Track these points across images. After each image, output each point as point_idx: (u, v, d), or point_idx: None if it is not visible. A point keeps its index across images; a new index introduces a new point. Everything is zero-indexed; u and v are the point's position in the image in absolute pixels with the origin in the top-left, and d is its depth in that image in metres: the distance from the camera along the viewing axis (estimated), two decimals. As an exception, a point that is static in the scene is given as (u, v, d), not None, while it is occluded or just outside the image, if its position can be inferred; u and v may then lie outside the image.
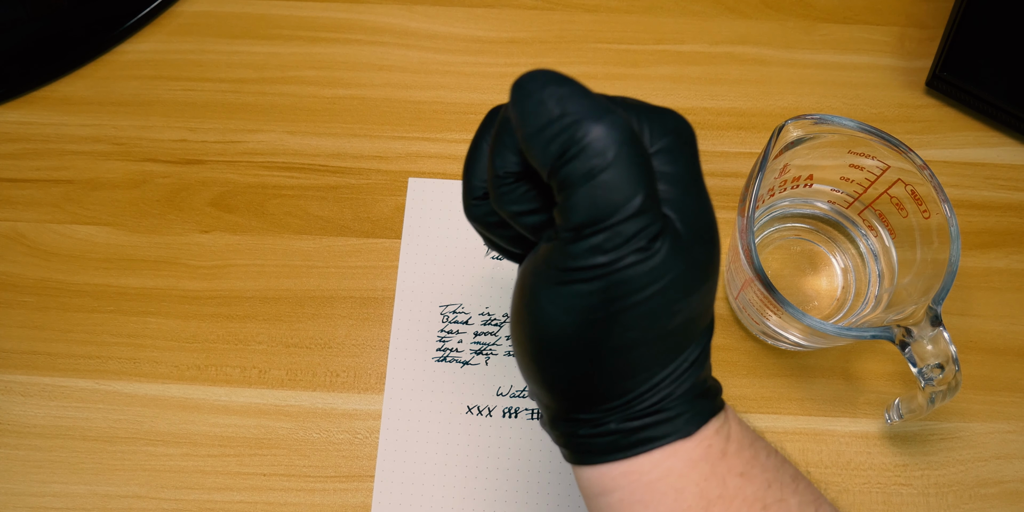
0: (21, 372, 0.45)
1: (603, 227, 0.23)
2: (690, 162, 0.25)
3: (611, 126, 0.23)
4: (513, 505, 0.43)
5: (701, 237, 0.24)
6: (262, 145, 0.50)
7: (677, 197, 0.24)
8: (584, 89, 0.23)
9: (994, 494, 0.43)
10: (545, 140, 0.23)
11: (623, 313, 0.24)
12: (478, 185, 0.27)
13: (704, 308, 0.25)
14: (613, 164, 0.22)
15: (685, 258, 0.24)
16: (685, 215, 0.24)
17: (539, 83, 0.23)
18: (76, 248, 0.48)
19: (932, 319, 0.35)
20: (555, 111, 0.23)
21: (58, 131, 0.50)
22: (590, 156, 0.22)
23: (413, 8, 0.53)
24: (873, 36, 0.52)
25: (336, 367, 0.45)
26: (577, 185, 0.23)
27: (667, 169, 0.24)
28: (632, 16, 0.53)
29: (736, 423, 0.27)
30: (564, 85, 0.23)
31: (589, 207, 0.23)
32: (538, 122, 0.23)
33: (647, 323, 0.24)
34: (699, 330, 0.26)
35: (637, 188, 0.23)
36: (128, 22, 0.52)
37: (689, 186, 0.25)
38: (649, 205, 0.23)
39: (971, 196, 0.48)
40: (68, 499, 0.43)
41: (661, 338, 0.24)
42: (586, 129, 0.22)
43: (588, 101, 0.23)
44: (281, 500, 0.43)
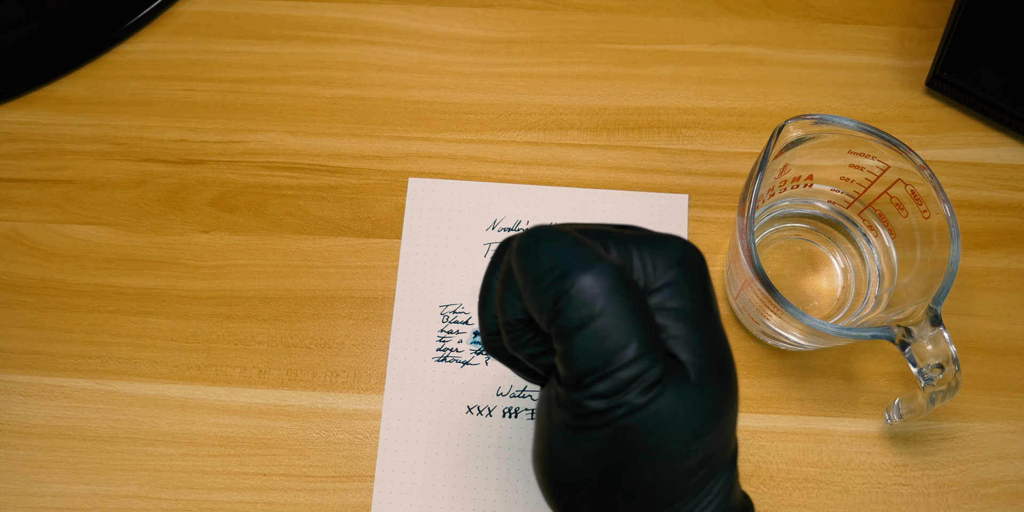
0: (21, 372, 0.45)
1: (600, 376, 0.23)
2: (698, 294, 0.25)
3: (598, 275, 0.23)
4: (513, 505, 0.43)
5: (713, 373, 0.24)
6: (262, 145, 0.50)
7: (684, 334, 0.24)
8: (576, 241, 0.24)
9: (994, 494, 0.43)
10: (539, 292, 0.24)
11: (635, 458, 0.23)
12: (491, 322, 0.27)
13: (724, 442, 0.25)
14: (602, 313, 0.23)
15: (695, 398, 0.23)
16: (694, 352, 0.24)
17: (535, 238, 0.24)
18: (76, 248, 0.48)
19: (932, 319, 0.35)
20: (547, 264, 0.23)
21: (58, 131, 0.50)
22: (579, 306, 0.23)
23: (413, 8, 0.53)
24: (873, 36, 0.52)
25: (336, 367, 0.45)
26: (570, 335, 0.23)
27: (672, 304, 0.24)
28: (632, 16, 0.53)
29: None
30: (558, 238, 0.24)
31: (584, 356, 0.23)
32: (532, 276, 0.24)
33: (662, 465, 0.24)
34: (721, 463, 0.25)
35: (630, 335, 0.23)
36: (128, 22, 0.52)
37: (697, 321, 0.24)
38: (645, 350, 0.23)
39: (971, 196, 0.48)
40: (68, 499, 0.43)
41: (680, 477, 0.24)
42: (573, 280, 0.23)
43: (578, 251, 0.23)
44: (281, 500, 0.43)
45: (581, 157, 0.49)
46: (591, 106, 0.51)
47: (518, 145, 0.50)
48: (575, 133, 0.50)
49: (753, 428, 0.44)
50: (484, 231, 0.48)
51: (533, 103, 0.51)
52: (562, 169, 0.49)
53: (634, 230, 0.26)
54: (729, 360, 0.25)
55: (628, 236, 0.25)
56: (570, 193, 0.48)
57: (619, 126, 0.50)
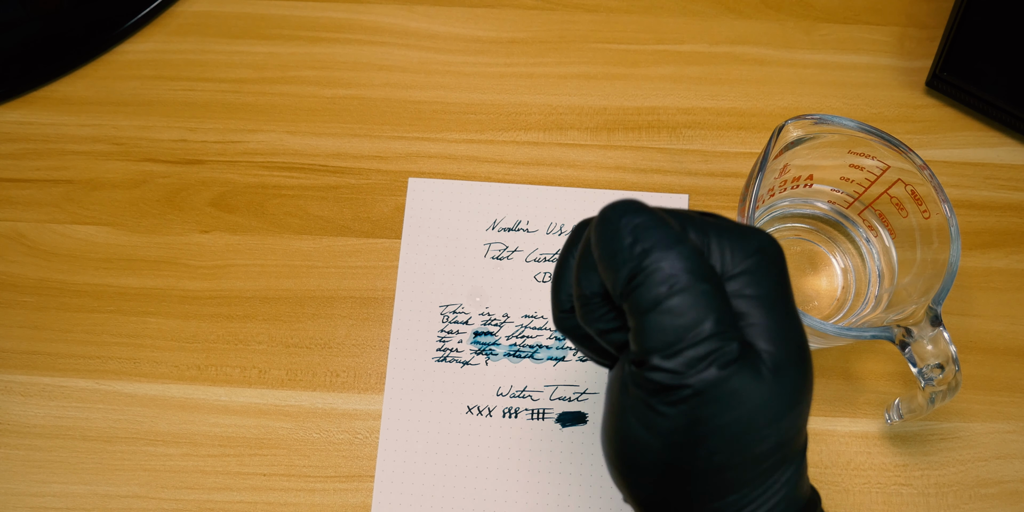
0: (21, 372, 0.45)
1: (676, 351, 0.23)
2: (776, 283, 0.25)
3: (679, 256, 0.23)
4: (513, 505, 0.43)
5: (790, 362, 0.24)
6: (262, 145, 0.50)
7: (761, 321, 0.24)
8: (660, 219, 0.24)
9: (994, 494, 0.43)
10: (616, 266, 0.24)
11: (707, 438, 0.24)
12: (565, 299, 0.28)
13: (796, 431, 0.25)
14: (679, 292, 0.23)
15: (771, 384, 0.24)
16: (771, 340, 0.24)
17: (619, 212, 0.24)
18: (76, 248, 0.48)
19: (932, 319, 0.35)
20: (627, 239, 0.24)
21: (58, 131, 0.50)
22: (656, 284, 0.23)
23: (413, 8, 0.53)
24: (873, 36, 0.52)
25: (336, 367, 0.45)
26: (645, 312, 0.23)
27: (750, 291, 0.24)
28: (632, 16, 0.53)
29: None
30: (641, 215, 0.24)
31: (658, 333, 0.23)
32: (611, 249, 0.24)
33: (734, 448, 0.24)
34: (793, 452, 0.25)
35: (706, 313, 0.23)
36: (128, 22, 0.52)
37: (774, 308, 0.24)
38: (720, 329, 0.23)
39: (971, 196, 0.48)
40: (68, 499, 0.43)
41: (751, 462, 0.24)
42: (654, 258, 0.23)
43: (661, 231, 0.24)
44: (281, 500, 0.43)
45: (581, 157, 0.49)
46: (591, 106, 0.51)
47: (518, 145, 0.50)
48: (575, 133, 0.50)
49: None
50: (484, 231, 0.48)
51: (533, 103, 0.51)
52: (562, 169, 0.49)
53: (715, 218, 0.26)
54: (806, 350, 0.25)
55: (708, 222, 0.25)
56: (570, 193, 0.48)
57: (619, 126, 0.50)
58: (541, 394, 0.45)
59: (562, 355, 0.45)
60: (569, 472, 0.43)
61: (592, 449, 0.44)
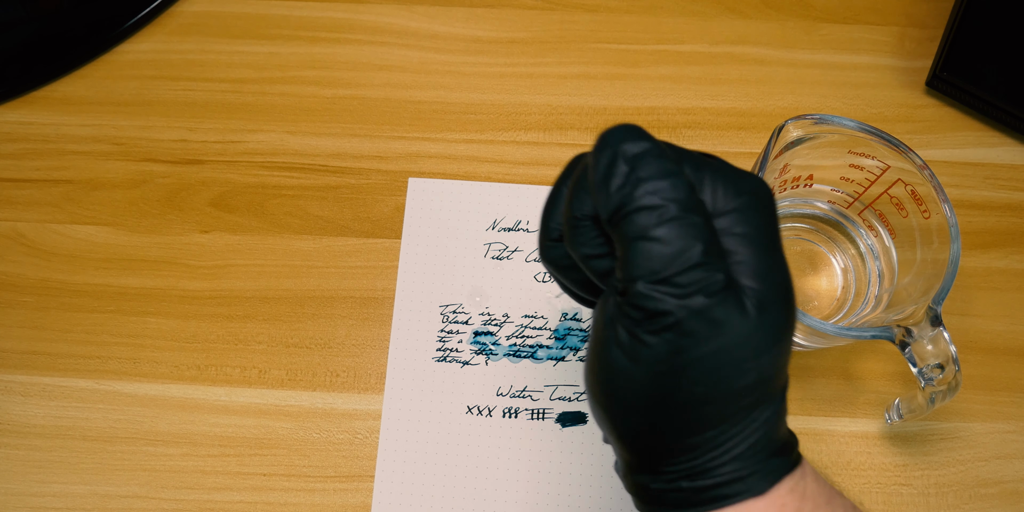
0: (21, 372, 0.45)
1: (659, 279, 0.23)
2: (764, 224, 0.25)
3: (671, 187, 0.24)
4: (513, 505, 0.43)
5: (775, 300, 0.24)
6: (262, 145, 0.50)
7: (748, 258, 0.24)
8: (658, 149, 0.24)
9: (994, 494, 0.43)
10: (609, 192, 0.24)
11: (689, 367, 0.24)
12: (554, 227, 0.28)
13: (776, 370, 0.25)
14: (668, 221, 0.23)
15: (755, 318, 0.24)
16: (757, 278, 0.24)
17: (618, 137, 0.25)
18: (76, 248, 0.48)
19: (932, 319, 0.35)
20: (623, 167, 0.24)
21: (58, 131, 0.50)
22: (647, 212, 0.24)
23: (413, 8, 0.53)
24: (873, 36, 0.52)
25: (336, 367, 0.45)
26: (634, 238, 0.24)
27: (739, 229, 0.25)
28: (632, 16, 0.53)
29: (813, 480, 0.27)
30: (640, 143, 0.25)
31: (645, 259, 0.24)
32: (607, 174, 0.24)
33: (714, 379, 0.24)
34: (772, 392, 0.25)
35: (693, 243, 0.23)
36: (128, 22, 0.52)
37: (761, 247, 0.25)
38: (707, 259, 0.23)
39: (971, 196, 0.48)
40: (68, 499, 0.43)
41: (731, 396, 0.24)
42: (647, 187, 0.24)
43: (657, 162, 0.24)
44: (281, 500, 0.43)
45: (581, 157, 0.49)
46: (591, 106, 0.51)
47: (518, 145, 0.50)
48: (575, 133, 0.50)
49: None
50: (484, 231, 0.48)
51: (533, 103, 0.51)
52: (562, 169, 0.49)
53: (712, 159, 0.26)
54: (790, 290, 0.25)
55: (705, 160, 0.26)
56: (570, 193, 0.48)
57: (619, 126, 0.50)
58: (541, 394, 0.45)
59: (562, 355, 0.45)
60: (569, 472, 0.43)
61: (592, 449, 0.44)
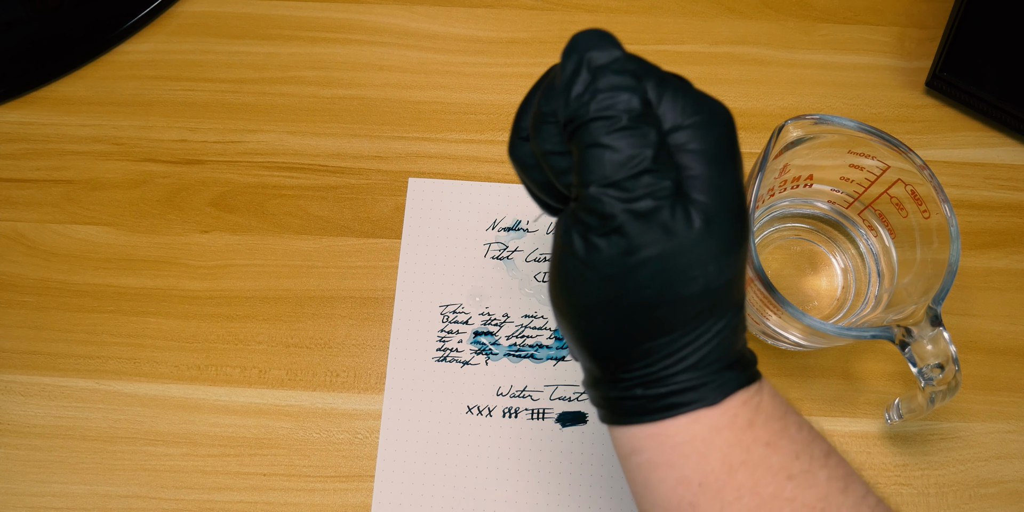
0: (21, 372, 0.45)
1: (609, 182, 0.24)
2: (719, 142, 0.26)
3: (627, 99, 0.25)
4: (513, 505, 0.43)
5: (722, 212, 0.25)
6: (262, 145, 0.50)
7: (699, 173, 0.25)
8: (622, 61, 0.25)
9: (994, 494, 0.43)
10: (569, 99, 0.25)
11: (636, 269, 0.25)
12: (525, 127, 0.29)
13: (726, 281, 0.26)
14: (621, 130, 0.24)
15: (701, 227, 0.25)
16: (707, 192, 0.25)
17: (587, 43, 0.26)
18: (76, 248, 0.48)
19: (932, 319, 0.35)
20: (584, 75, 0.25)
21: (58, 131, 0.50)
22: (600, 122, 0.25)
23: (413, 8, 0.53)
24: (873, 36, 0.52)
25: (336, 367, 0.45)
26: (588, 145, 0.25)
27: (693, 146, 0.26)
28: (632, 16, 0.53)
29: (769, 396, 0.28)
30: (606, 51, 0.26)
31: (596, 165, 0.25)
32: (569, 80, 0.25)
33: (661, 284, 0.25)
34: (724, 303, 0.26)
35: (643, 151, 0.24)
36: (128, 22, 0.52)
37: (714, 164, 0.26)
38: (655, 167, 0.24)
39: (971, 196, 0.48)
40: (68, 499, 0.43)
41: (679, 302, 0.25)
42: (603, 98, 0.25)
43: (616, 76, 0.25)
44: (281, 500, 0.43)
45: (581, 157, 0.49)
46: (591, 106, 0.51)
47: (518, 145, 0.50)
48: (575, 133, 0.50)
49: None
50: (484, 231, 0.48)
51: (533, 103, 0.51)
52: (562, 169, 0.49)
53: (678, 79, 0.27)
54: (742, 206, 0.26)
55: (668, 78, 0.27)
56: (570, 193, 0.48)
57: (619, 126, 0.50)
58: (541, 394, 0.45)
59: (562, 355, 0.45)
60: (569, 472, 0.43)
61: (592, 449, 0.44)
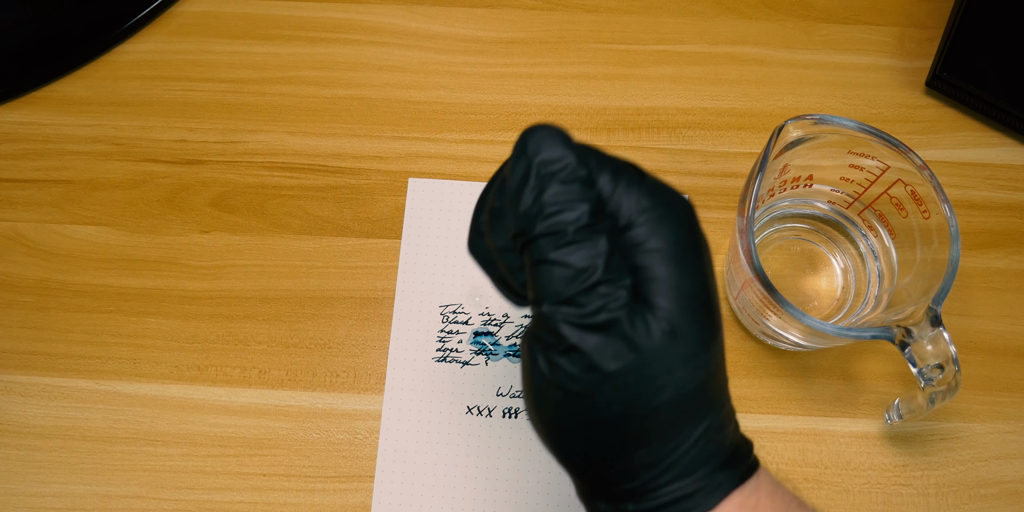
0: (21, 372, 0.45)
1: (561, 301, 0.24)
2: (678, 236, 0.25)
3: (576, 211, 0.24)
4: (513, 505, 0.43)
5: (685, 313, 0.24)
6: (262, 145, 0.50)
7: (658, 274, 0.24)
8: (572, 165, 0.24)
9: (994, 494, 0.43)
10: (518, 211, 0.24)
11: (600, 386, 0.24)
12: (482, 222, 0.28)
13: (698, 383, 0.25)
14: (567, 245, 0.24)
15: (665, 334, 0.24)
16: (667, 292, 0.24)
17: (536, 144, 0.24)
18: (76, 248, 0.48)
19: (932, 319, 0.35)
20: (532, 182, 0.24)
21: (58, 131, 0.50)
22: (547, 238, 0.24)
23: (413, 8, 0.53)
24: (873, 36, 0.52)
25: (336, 367, 0.45)
26: (536, 262, 0.24)
27: (651, 244, 0.24)
28: (632, 16, 0.53)
29: (768, 493, 0.26)
30: (555, 152, 0.24)
31: (547, 282, 0.24)
32: (519, 187, 0.24)
33: (629, 397, 0.24)
34: (702, 404, 0.25)
35: (592, 262, 0.23)
36: (128, 22, 0.52)
37: (673, 262, 0.24)
38: (607, 277, 0.23)
39: (971, 196, 0.48)
40: (68, 499, 0.43)
41: (651, 414, 0.24)
42: (552, 212, 0.24)
43: (565, 186, 0.24)
44: (281, 500, 0.43)
45: (581, 157, 0.49)
46: (591, 106, 0.51)
47: (518, 145, 0.50)
48: (575, 133, 0.50)
49: (753, 428, 0.44)
50: (484, 231, 0.48)
51: (533, 103, 0.51)
52: (562, 169, 0.49)
53: (633, 169, 0.26)
54: (707, 303, 0.25)
55: (622, 169, 0.26)
56: (570, 193, 0.48)
57: (619, 126, 0.50)
58: (541, 394, 0.45)
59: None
60: (569, 472, 0.43)
61: (592, 449, 0.44)
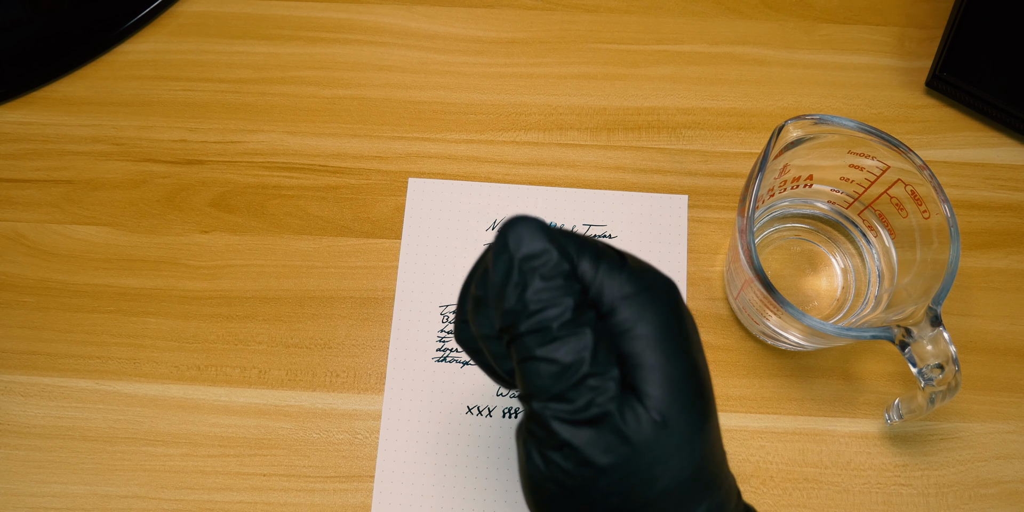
0: (21, 372, 0.45)
1: (550, 397, 0.23)
2: (663, 320, 0.24)
3: (560, 310, 0.23)
4: (513, 505, 0.43)
5: (676, 401, 0.24)
6: (262, 145, 0.50)
7: (647, 361, 0.24)
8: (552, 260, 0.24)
9: (994, 494, 0.43)
10: (502, 309, 0.24)
11: (595, 480, 0.24)
12: (468, 309, 0.27)
13: (694, 468, 0.24)
14: (553, 341, 0.23)
15: (656, 425, 0.23)
16: (656, 380, 0.24)
17: (518, 238, 0.24)
18: (76, 248, 0.48)
19: (932, 319, 0.35)
20: (515, 278, 0.24)
21: (58, 131, 0.50)
22: (532, 336, 0.24)
23: (413, 8, 0.53)
24: (873, 36, 0.52)
25: (336, 367, 0.45)
26: (522, 359, 0.24)
27: (637, 330, 0.24)
28: (632, 16, 0.53)
29: None
30: (538, 256, 0.24)
31: (535, 379, 0.24)
32: (501, 283, 0.24)
33: (625, 489, 0.24)
34: (700, 487, 0.25)
35: (579, 356, 0.23)
36: (128, 22, 0.52)
37: (659, 347, 0.24)
38: (594, 370, 0.23)
39: (971, 196, 0.48)
40: (68, 499, 0.43)
41: (650, 503, 0.24)
42: (535, 308, 0.23)
43: (547, 282, 0.24)
44: (281, 500, 0.43)
45: (581, 157, 0.49)
46: (591, 106, 0.51)
47: (518, 145, 0.50)
48: (575, 133, 0.50)
49: (753, 428, 0.44)
50: (484, 231, 0.48)
51: (533, 103, 0.51)
52: (562, 169, 0.49)
53: (614, 252, 0.26)
54: (698, 388, 0.25)
55: (603, 254, 0.25)
56: (570, 193, 0.48)
57: (619, 126, 0.50)
58: (541, 394, 0.45)
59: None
60: (569, 472, 0.43)
61: (592, 449, 0.44)
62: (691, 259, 0.47)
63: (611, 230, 0.48)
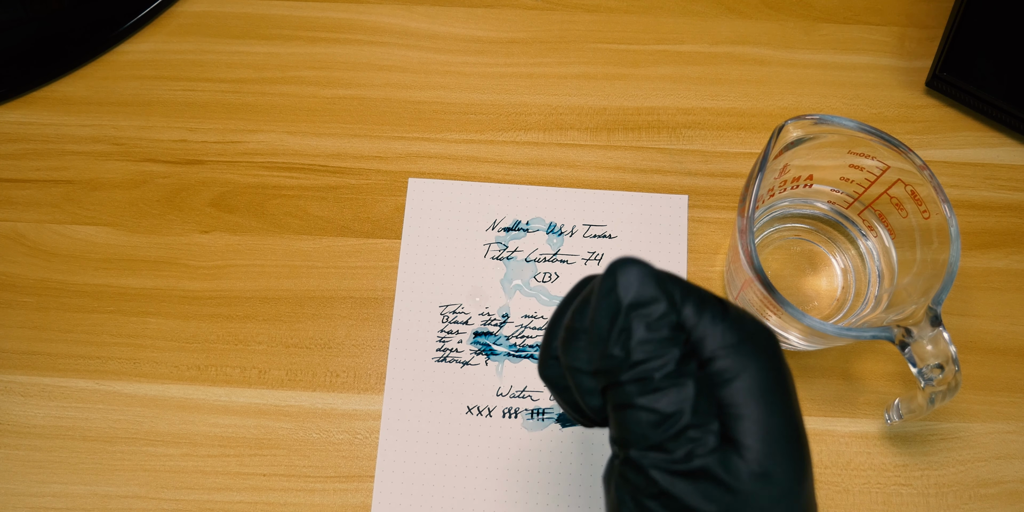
0: (21, 372, 0.45)
1: (649, 446, 0.24)
2: (764, 372, 0.24)
3: (661, 357, 0.24)
4: (513, 505, 0.43)
5: (776, 453, 0.24)
6: (262, 145, 0.50)
7: (746, 413, 0.24)
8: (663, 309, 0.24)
9: (994, 494, 0.43)
10: (605, 353, 0.24)
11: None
12: (556, 346, 0.27)
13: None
14: (653, 391, 0.23)
15: (756, 476, 0.23)
16: (756, 432, 0.24)
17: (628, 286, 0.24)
18: (76, 248, 0.48)
19: (932, 319, 0.35)
20: (620, 323, 0.24)
21: (58, 131, 0.50)
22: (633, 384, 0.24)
23: (413, 8, 0.53)
24: (873, 36, 0.52)
25: (336, 367, 0.45)
26: (621, 405, 0.24)
27: (737, 382, 0.24)
28: (632, 16, 0.53)
29: None
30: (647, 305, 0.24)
31: (634, 427, 0.24)
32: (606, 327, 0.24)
33: None
34: None
35: (680, 407, 0.23)
36: (128, 22, 0.52)
37: (760, 399, 0.24)
38: (695, 421, 0.23)
39: (971, 196, 0.48)
40: (68, 499, 0.43)
41: None
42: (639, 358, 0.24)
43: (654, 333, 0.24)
44: (281, 500, 0.43)
45: (581, 157, 0.49)
46: (591, 106, 0.51)
47: (518, 145, 0.50)
48: (575, 133, 0.50)
49: None
50: (484, 231, 0.48)
51: (533, 103, 0.51)
52: (562, 169, 0.49)
53: (717, 301, 0.26)
54: (797, 441, 0.25)
55: (706, 300, 0.25)
56: (570, 194, 0.48)
57: (619, 126, 0.50)
58: (541, 394, 0.45)
59: (562, 355, 0.45)
60: (569, 472, 0.43)
61: (592, 449, 0.44)
62: (691, 259, 0.47)
63: (611, 230, 0.48)
